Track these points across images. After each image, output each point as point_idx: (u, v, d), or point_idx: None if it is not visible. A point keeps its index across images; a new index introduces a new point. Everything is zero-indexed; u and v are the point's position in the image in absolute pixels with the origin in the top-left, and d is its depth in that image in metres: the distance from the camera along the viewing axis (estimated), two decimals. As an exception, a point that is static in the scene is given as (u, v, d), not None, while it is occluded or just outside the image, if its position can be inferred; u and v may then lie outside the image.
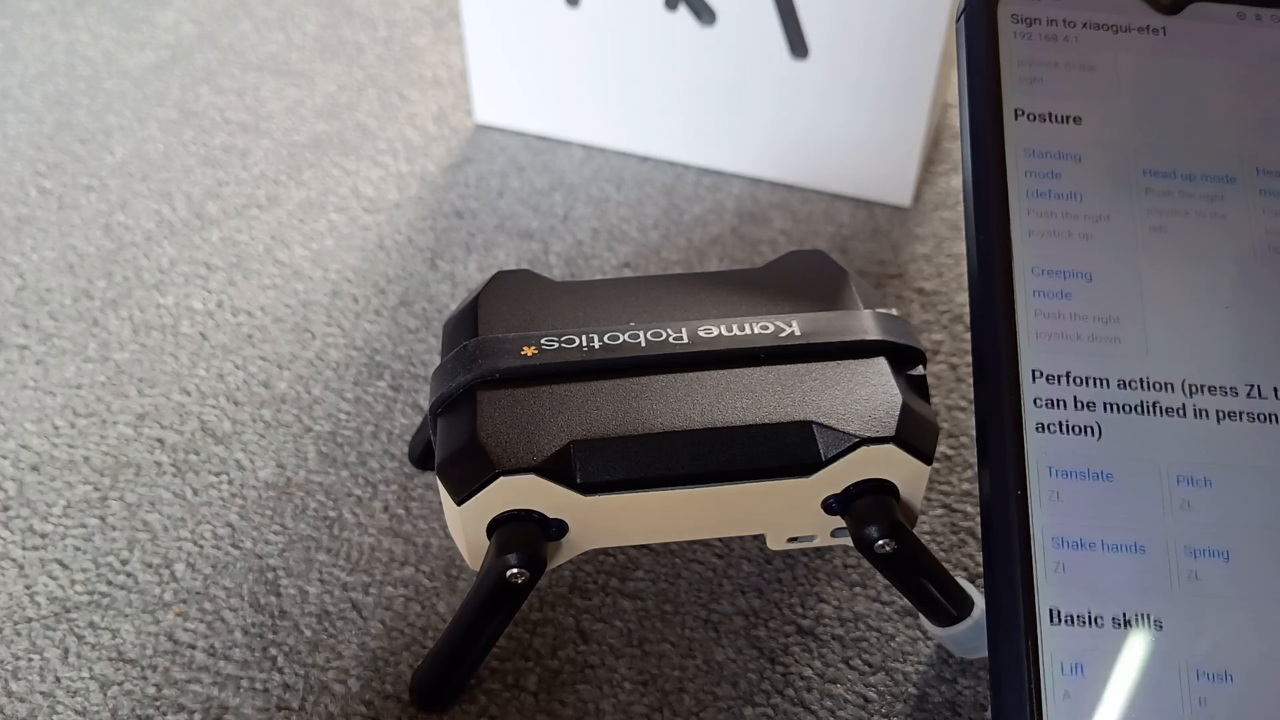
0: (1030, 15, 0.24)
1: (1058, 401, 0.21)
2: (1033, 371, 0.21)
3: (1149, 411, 0.21)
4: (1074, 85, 0.24)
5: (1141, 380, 0.21)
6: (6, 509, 0.31)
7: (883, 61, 0.39)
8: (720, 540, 0.30)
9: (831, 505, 0.24)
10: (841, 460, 0.23)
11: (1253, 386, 0.21)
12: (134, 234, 0.41)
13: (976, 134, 0.23)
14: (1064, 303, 0.22)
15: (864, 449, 0.23)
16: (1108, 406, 0.21)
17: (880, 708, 0.26)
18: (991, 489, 0.21)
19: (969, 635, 0.26)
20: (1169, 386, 0.21)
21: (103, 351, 0.36)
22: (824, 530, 0.25)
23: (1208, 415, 0.21)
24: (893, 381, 0.24)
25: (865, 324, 0.25)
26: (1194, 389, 0.21)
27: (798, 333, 0.25)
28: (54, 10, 0.55)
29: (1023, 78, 0.24)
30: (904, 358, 0.25)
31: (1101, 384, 0.21)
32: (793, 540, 0.25)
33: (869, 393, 0.24)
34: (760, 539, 0.30)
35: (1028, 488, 0.21)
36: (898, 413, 0.24)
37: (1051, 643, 0.20)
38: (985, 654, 0.26)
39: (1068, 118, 0.23)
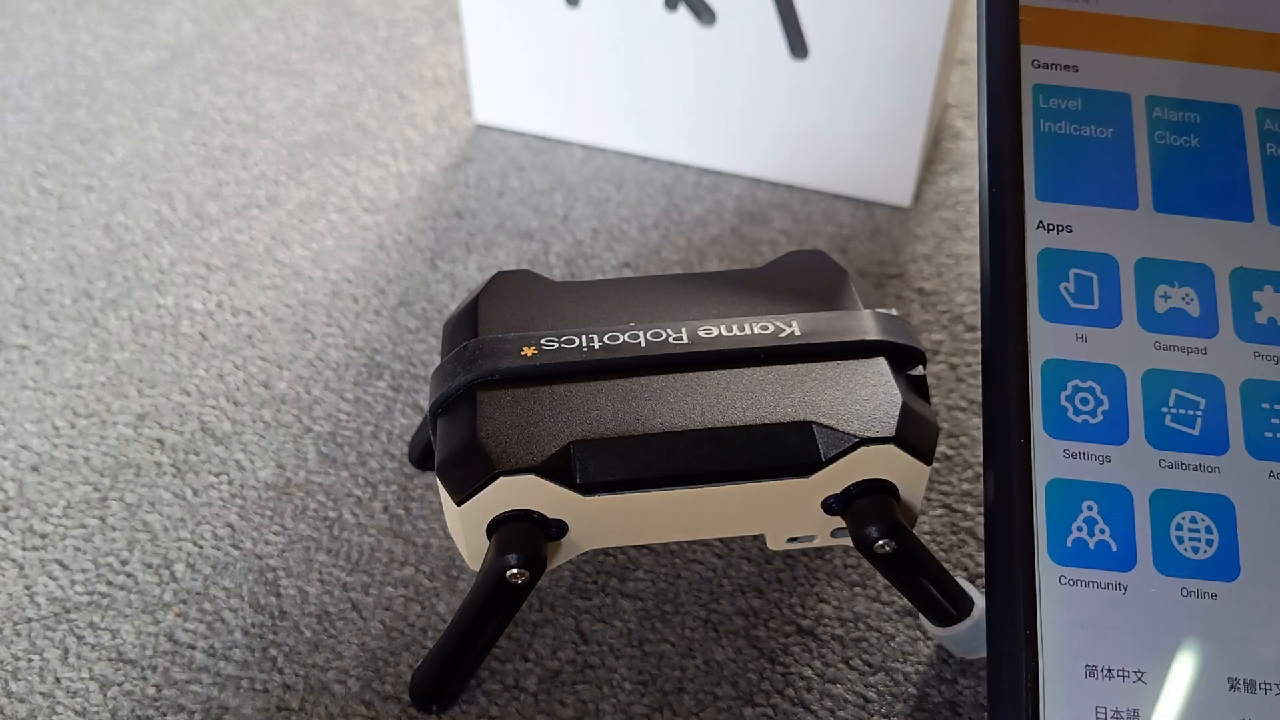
0: None
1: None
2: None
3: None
4: (1089, 34, 0.24)
5: None
6: (6, 509, 0.31)
7: (883, 61, 0.39)
8: (720, 540, 0.30)
9: (831, 505, 0.24)
10: (841, 460, 0.23)
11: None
12: (134, 234, 0.41)
13: (994, 89, 0.23)
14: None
15: (864, 449, 0.23)
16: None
17: (880, 708, 0.26)
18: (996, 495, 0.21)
19: (969, 635, 0.26)
20: None
21: (103, 352, 0.36)
22: (824, 530, 0.25)
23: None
24: (893, 381, 0.24)
25: (865, 324, 0.25)
26: None
27: (798, 333, 0.25)
28: (54, 10, 0.55)
29: (1040, 28, 0.24)
30: (904, 358, 0.25)
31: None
32: (793, 540, 0.25)
33: (869, 393, 0.24)
34: (760, 539, 0.30)
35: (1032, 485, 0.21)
36: (898, 413, 0.24)
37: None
38: (985, 654, 0.26)
39: (1077, 66, 0.23)
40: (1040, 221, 0.22)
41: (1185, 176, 0.23)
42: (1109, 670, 0.19)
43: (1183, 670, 0.19)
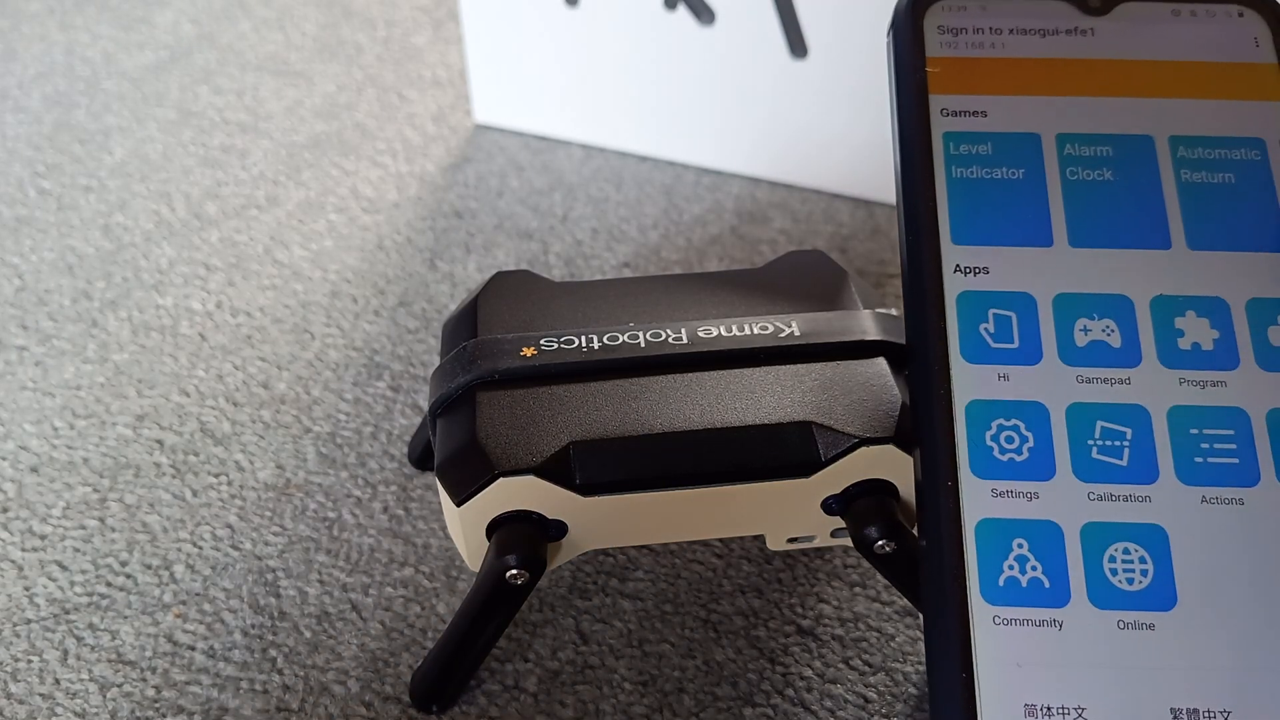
0: (956, 25, 0.24)
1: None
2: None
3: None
4: (996, 78, 0.24)
5: None
6: (6, 510, 0.31)
7: (882, 61, 0.39)
8: (720, 540, 0.30)
9: (831, 505, 0.24)
10: (841, 461, 0.23)
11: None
12: (133, 234, 0.41)
13: (905, 141, 0.23)
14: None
15: (864, 449, 0.23)
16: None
17: (880, 708, 0.26)
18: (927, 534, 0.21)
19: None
20: None
21: (102, 352, 0.36)
22: (824, 530, 0.25)
23: None
24: (892, 382, 0.24)
25: (865, 324, 0.25)
26: None
27: (797, 333, 0.25)
28: (53, 10, 0.55)
29: (948, 78, 0.24)
30: (903, 358, 0.25)
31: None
32: (793, 540, 0.25)
33: (869, 393, 0.24)
34: (760, 539, 0.30)
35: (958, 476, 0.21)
36: (897, 413, 0.24)
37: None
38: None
39: (985, 111, 0.24)
40: (957, 265, 0.22)
41: (1100, 209, 0.23)
42: (1048, 708, 0.19)
43: (1124, 704, 0.19)
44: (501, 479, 0.23)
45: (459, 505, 0.23)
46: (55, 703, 0.26)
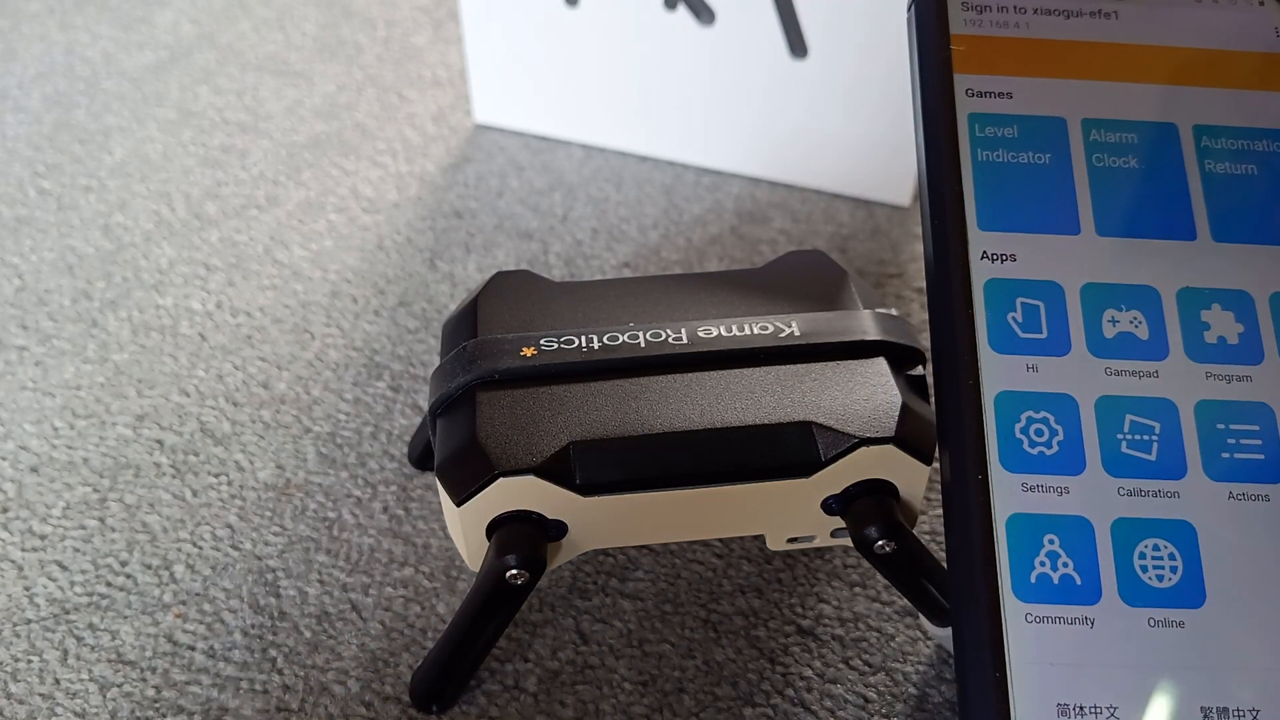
0: (980, 3, 0.24)
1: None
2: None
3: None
4: (1022, 59, 0.24)
5: None
6: (6, 510, 0.31)
7: (882, 61, 0.39)
8: (720, 540, 0.30)
9: (831, 505, 0.24)
10: (841, 461, 0.23)
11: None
12: (133, 234, 0.41)
13: (929, 121, 0.23)
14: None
15: (863, 449, 0.23)
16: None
17: (880, 708, 0.26)
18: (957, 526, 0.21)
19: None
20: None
21: (102, 352, 0.36)
22: (824, 530, 0.25)
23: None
24: (892, 382, 0.24)
25: (865, 324, 0.25)
26: None
27: (797, 333, 0.25)
28: (53, 10, 0.55)
29: (972, 57, 0.24)
30: (903, 358, 0.25)
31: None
32: (793, 540, 0.25)
33: (869, 393, 0.24)
34: (760, 539, 0.30)
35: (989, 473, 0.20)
36: (897, 413, 0.24)
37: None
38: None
39: (1011, 93, 0.23)
40: (984, 252, 0.22)
41: (1126, 198, 0.22)
42: (1081, 708, 0.19)
43: (1155, 703, 0.19)
44: (501, 479, 0.23)
45: (459, 505, 0.23)
46: (55, 703, 0.26)
